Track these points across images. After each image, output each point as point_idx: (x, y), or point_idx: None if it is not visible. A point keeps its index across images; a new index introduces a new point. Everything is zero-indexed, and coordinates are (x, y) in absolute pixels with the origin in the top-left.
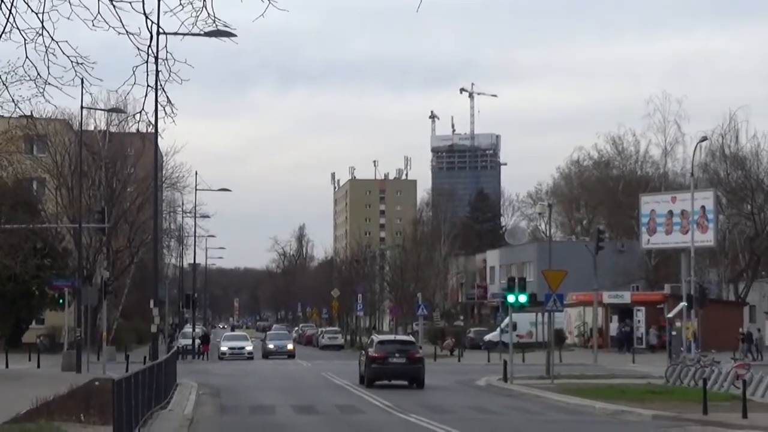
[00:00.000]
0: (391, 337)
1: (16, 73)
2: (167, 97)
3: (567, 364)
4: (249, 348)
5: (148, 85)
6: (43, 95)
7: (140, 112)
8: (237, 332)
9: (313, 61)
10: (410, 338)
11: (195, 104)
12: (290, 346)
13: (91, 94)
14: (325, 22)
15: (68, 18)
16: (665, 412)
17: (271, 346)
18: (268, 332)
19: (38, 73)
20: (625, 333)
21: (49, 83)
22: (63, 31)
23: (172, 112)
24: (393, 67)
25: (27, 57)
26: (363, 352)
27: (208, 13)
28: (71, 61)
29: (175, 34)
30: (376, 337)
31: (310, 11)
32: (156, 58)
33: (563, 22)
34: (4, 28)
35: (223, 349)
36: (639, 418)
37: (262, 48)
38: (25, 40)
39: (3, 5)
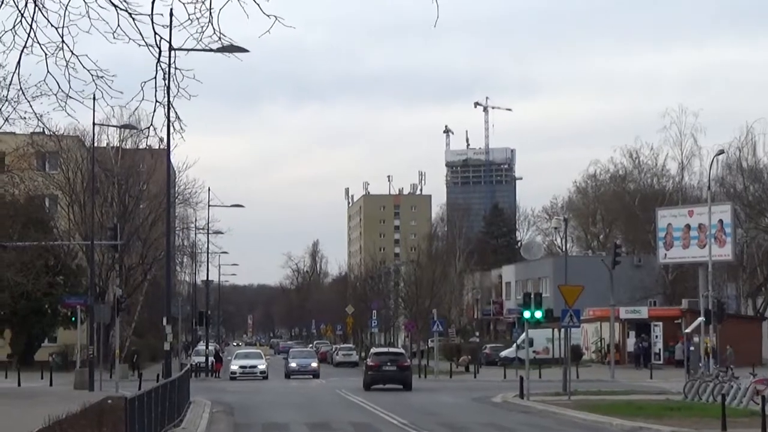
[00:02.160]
0: (385, 349)
1: (38, 88)
2: (176, 113)
3: (584, 380)
4: (262, 366)
5: (156, 101)
6: (64, 109)
7: (149, 128)
8: (250, 349)
9: (325, 76)
10: (401, 350)
11: (207, 120)
12: (314, 365)
13: (112, 107)
14: (336, 36)
15: (87, 32)
16: (683, 429)
17: (293, 364)
18: (291, 350)
19: (60, 87)
20: (643, 348)
21: (71, 97)
22: (78, 46)
23: (181, 128)
24: (406, 81)
25: (48, 71)
26: (365, 363)
27: (214, 30)
28: (91, 75)
29: (187, 49)
30: (373, 350)
31: (321, 26)
32: (168, 73)
33: (578, 35)
34: (26, 43)
35: (234, 368)
36: None
37: (274, 63)
38: (45, 54)
39: (24, 20)
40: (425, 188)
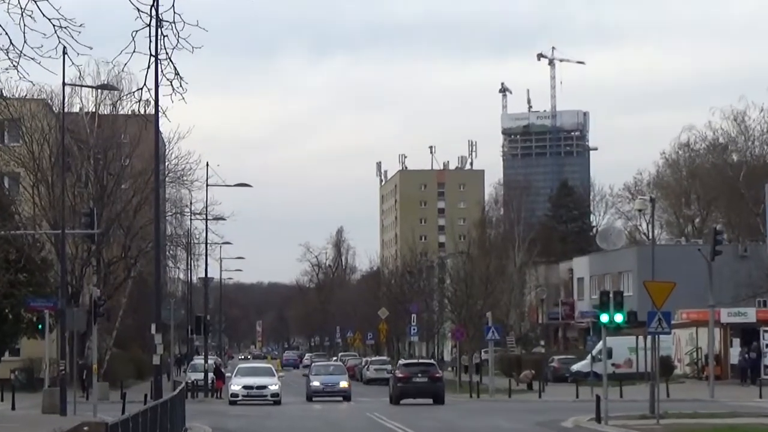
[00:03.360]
0: (415, 360)
1: None
2: (175, 68)
3: (676, 399)
4: (274, 387)
5: (150, 54)
6: (17, 69)
7: (141, 89)
8: (258, 363)
9: (353, 24)
10: (431, 361)
11: (205, 79)
12: (344, 384)
13: (78, 66)
14: None
15: None
16: None
17: (316, 383)
18: (313, 364)
19: (11, 42)
20: (750, 360)
21: (26, 55)
22: None
23: (182, 86)
24: (453, 30)
25: None
26: (392, 374)
27: None
28: (53, 25)
29: None
30: (402, 361)
31: None
32: (158, 20)
33: None
34: None
35: (235, 388)
36: None
37: (291, 8)
38: None
39: None
40: (477, 162)
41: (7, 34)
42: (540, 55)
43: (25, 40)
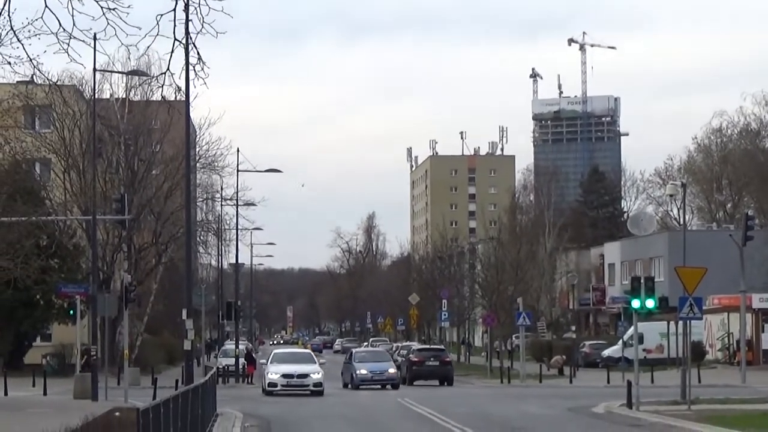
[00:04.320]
0: (427, 346)
1: (33, 26)
2: (198, 54)
3: (707, 385)
4: (316, 376)
5: (175, 39)
6: (67, 52)
7: (165, 74)
8: (295, 349)
9: (384, 8)
10: (441, 347)
11: (236, 64)
12: (392, 371)
13: (128, 47)
14: None
15: None
16: None
17: (363, 371)
18: (355, 351)
19: (60, 25)
20: None
21: (74, 37)
22: None
23: (203, 72)
24: (484, 15)
25: (46, 6)
26: (404, 359)
27: None
28: (101, 8)
29: None
30: (415, 346)
31: None
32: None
33: None
34: None
35: (273, 377)
36: None
37: None
38: None
39: None
40: (507, 147)
41: (55, 16)
42: (571, 40)
43: (74, 23)
